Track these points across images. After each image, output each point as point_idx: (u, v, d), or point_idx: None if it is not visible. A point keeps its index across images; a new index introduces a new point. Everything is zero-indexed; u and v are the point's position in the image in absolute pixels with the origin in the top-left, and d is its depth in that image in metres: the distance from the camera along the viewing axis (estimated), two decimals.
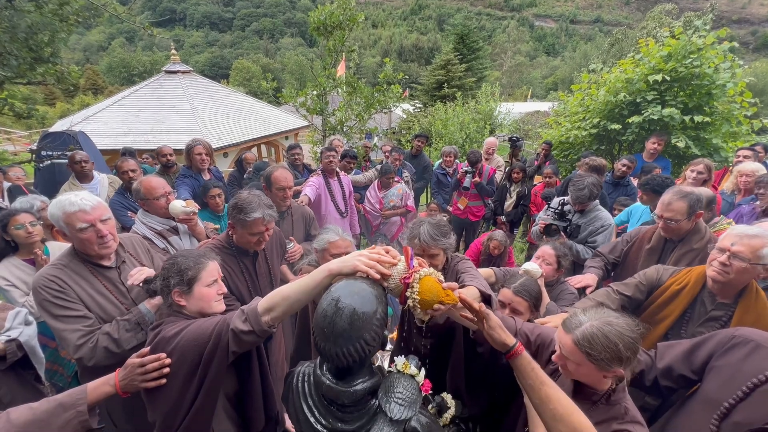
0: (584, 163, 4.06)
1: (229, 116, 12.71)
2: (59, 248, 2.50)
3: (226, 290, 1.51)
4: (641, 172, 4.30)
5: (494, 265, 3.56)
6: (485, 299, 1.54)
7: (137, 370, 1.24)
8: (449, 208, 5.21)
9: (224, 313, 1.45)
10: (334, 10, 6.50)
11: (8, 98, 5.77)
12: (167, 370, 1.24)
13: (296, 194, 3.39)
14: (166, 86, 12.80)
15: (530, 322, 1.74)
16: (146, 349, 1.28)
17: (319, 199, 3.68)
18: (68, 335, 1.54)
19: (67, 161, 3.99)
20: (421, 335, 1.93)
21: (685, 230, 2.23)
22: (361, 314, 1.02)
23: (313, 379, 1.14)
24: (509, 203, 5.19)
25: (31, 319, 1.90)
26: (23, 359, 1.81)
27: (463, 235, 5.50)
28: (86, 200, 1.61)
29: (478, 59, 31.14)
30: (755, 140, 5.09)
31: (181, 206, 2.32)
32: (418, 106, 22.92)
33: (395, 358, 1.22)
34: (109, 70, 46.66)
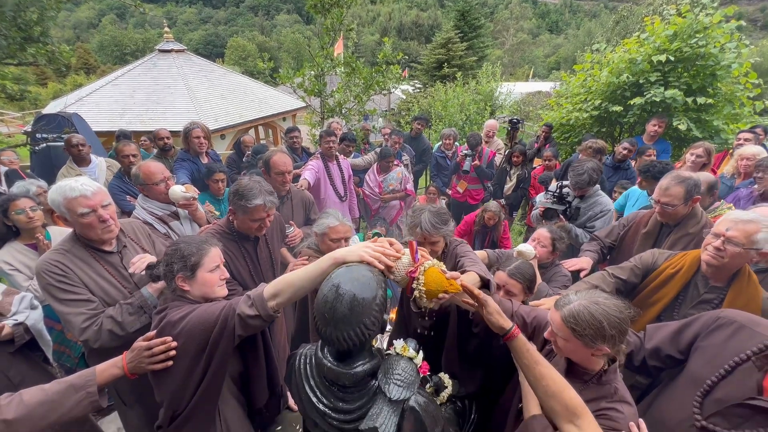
0: (587, 147, 4.03)
1: (225, 97, 12.48)
2: (60, 233, 2.52)
3: (228, 275, 1.53)
4: (636, 153, 4.28)
5: (489, 235, 3.63)
6: (484, 283, 1.58)
7: (144, 353, 1.27)
8: (448, 191, 5.21)
9: (227, 297, 1.49)
10: None
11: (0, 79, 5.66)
12: (173, 353, 1.28)
13: (295, 178, 3.38)
14: (160, 66, 12.51)
15: (524, 303, 1.81)
16: (152, 332, 1.31)
17: (318, 183, 3.68)
18: (73, 318, 1.57)
19: (62, 144, 3.95)
20: (419, 317, 1.99)
21: (681, 215, 2.24)
22: (361, 300, 1.05)
23: (314, 361, 1.18)
24: (509, 186, 5.19)
25: (36, 303, 1.93)
26: (31, 342, 1.86)
27: (462, 218, 5.53)
28: (87, 186, 1.61)
29: (479, 37, 30.33)
30: (757, 121, 5.04)
31: (180, 192, 2.32)
32: (417, 86, 22.49)
33: (394, 341, 1.26)
34: (100, 48, 45.38)
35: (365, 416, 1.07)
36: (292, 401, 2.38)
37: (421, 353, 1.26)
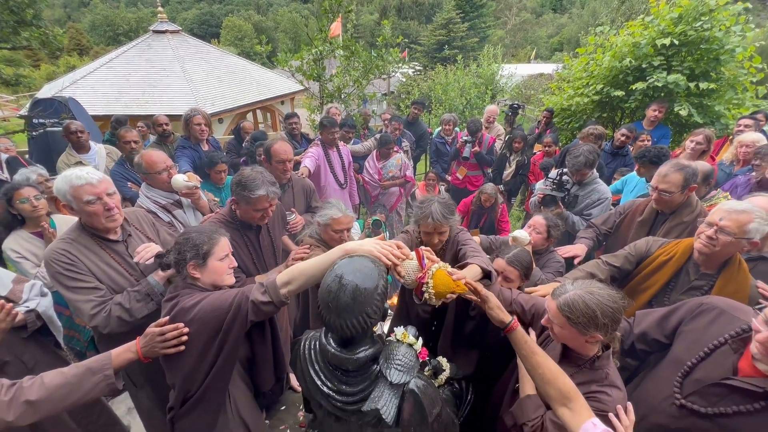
0: (588, 133, 4.02)
1: (222, 80, 12.26)
2: (65, 221, 2.55)
3: (236, 264, 1.59)
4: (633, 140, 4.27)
5: (485, 216, 3.69)
6: (486, 275, 1.65)
7: (157, 338, 1.33)
8: (448, 177, 5.22)
9: (231, 286, 1.54)
10: None
11: None
12: (185, 338, 1.34)
13: (296, 165, 3.39)
14: (155, 47, 12.23)
15: (520, 288, 1.91)
16: (165, 318, 1.37)
17: (318, 170, 3.68)
18: (82, 306, 1.62)
19: (59, 129, 3.94)
20: (419, 303, 2.07)
21: (677, 203, 2.28)
22: (363, 290, 1.10)
23: (319, 347, 1.24)
24: (508, 172, 5.20)
25: (46, 290, 1.98)
26: (43, 327, 1.91)
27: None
28: (93, 174, 1.65)
29: (481, 17, 29.65)
30: (760, 106, 5.00)
31: (183, 181, 2.34)
32: (417, 68, 22.12)
33: (395, 328, 1.32)
34: (92, 28, 44.16)
35: (367, 398, 1.13)
36: (294, 382, 2.47)
37: (420, 340, 1.32)
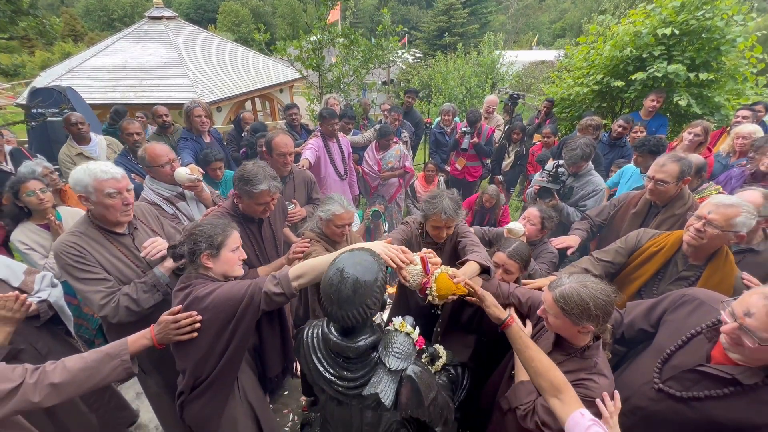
0: (586, 125, 4.04)
1: (219, 68, 12.12)
2: (70, 213, 2.60)
3: (246, 256, 1.66)
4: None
5: (488, 215, 3.79)
6: (485, 270, 1.74)
7: (171, 325, 1.41)
8: (447, 168, 5.25)
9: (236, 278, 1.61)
10: None
11: None
12: (198, 325, 1.43)
13: (296, 157, 3.41)
14: (151, 34, 12.04)
15: (518, 279, 2.01)
16: (179, 307, 1.44)
17: (318, 161, 3.71)
18: (92, 296, 1.69)
19: (60, 119, 3.94)
20: (422, 303, 2.18)
21: (670, 195, 2.33)
22: (363, 282, 1.16)
23: (321, 335, 1.31)
24: (507, 163, 5.23)
25: (56, 281, 2.04)
26: (54, 317, 1.99)
27: (460, 195, 5.59)
28: (116, 169, 1.74)
29: (482, 2, 29.10)
30: (763, 95, 5.00)
31: (185, 174, 2.38)
32: (417, 55, 21.83)
33: (393, 318, 1.39)
34: (86, 13, 43.17)
35: (367, 383, 1.21)
36: (297, 368, 2.56)
37: (417, 329, 1.39)
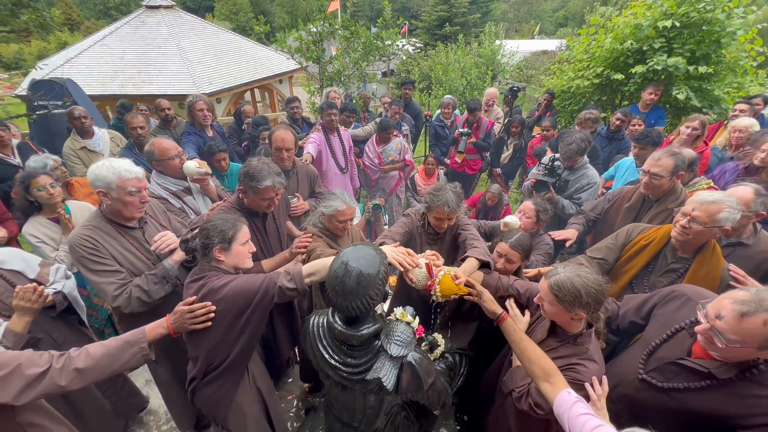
0: (585, 119, 4.07)
1: (218, 58, 12.02)
2: (78, 207, 2.67)
3: (255, 249, 1.74)
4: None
5: (491, 213, 3.89)
6: (484, 264, 1.82)
7: (186, 315, 1.50)
8: (447, 161, 5.29)
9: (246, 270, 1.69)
10: None
11: None
12: (212, 315, 1.52)
13: (299, 150, 3.46)
14: (148, 23, 11.92)
15: (520, 268, 2.13)
16: (193, 297, 1.53)
17: (319, 155, 3.75)
18: (105, 287, 1.76)
19: (63, 111, 3.97)
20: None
21: (664, 189, 2.39)
22: (366, 275, 1.23)
23: (326, 324, 1.39)
24: (505, 156, 5.28)
25: (69, 273, 2.12)
26: (68, 307, 2.07)
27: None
28: (138, 169, 1.83)
29: None
30: (765, 86, 5.01)
31: (195, 167, 2.44)
32: (418, 45, 21.61)
33: (395, 309, 1.48)
34: (82, 2, 42.54)
35: (370, 369, 1.30)
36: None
37: (417, 318, 1.48)
